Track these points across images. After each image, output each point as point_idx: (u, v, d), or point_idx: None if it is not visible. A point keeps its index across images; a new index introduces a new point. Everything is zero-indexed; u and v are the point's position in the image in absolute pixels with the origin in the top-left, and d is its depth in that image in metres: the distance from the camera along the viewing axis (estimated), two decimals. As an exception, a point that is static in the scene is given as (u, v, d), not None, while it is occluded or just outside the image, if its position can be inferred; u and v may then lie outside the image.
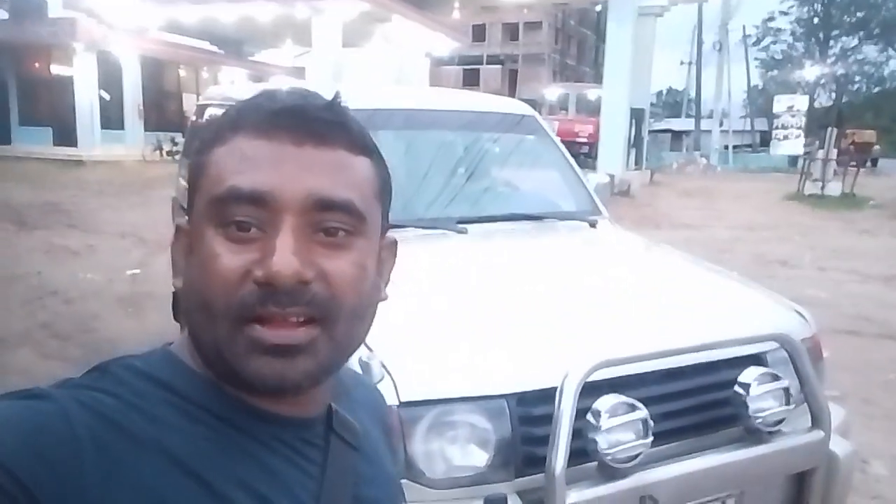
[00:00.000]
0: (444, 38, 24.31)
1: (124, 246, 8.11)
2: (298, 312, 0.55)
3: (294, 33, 22.74)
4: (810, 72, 42.93)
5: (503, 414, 1.62)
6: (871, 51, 48.45)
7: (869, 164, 28.91)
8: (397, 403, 1.55)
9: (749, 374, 1.79)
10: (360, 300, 0.59)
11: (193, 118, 4.74)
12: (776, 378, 1.80)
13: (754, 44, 47.03)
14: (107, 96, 22.00)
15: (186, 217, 0.62)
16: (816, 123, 32.93)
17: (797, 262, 8.45)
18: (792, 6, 48.12)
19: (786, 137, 31.42)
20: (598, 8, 33.29)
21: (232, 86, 6.68)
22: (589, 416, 1.60)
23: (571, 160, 3.16)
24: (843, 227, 12.15)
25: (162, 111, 25.09)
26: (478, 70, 47.66)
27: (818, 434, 1.84)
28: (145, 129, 23.35)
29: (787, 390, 1.80)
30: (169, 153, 21.03)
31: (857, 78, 49.55)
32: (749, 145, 38.01)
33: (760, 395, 1.76)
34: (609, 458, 1.57)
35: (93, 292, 5.91)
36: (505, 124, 3.12)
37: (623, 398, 1.60)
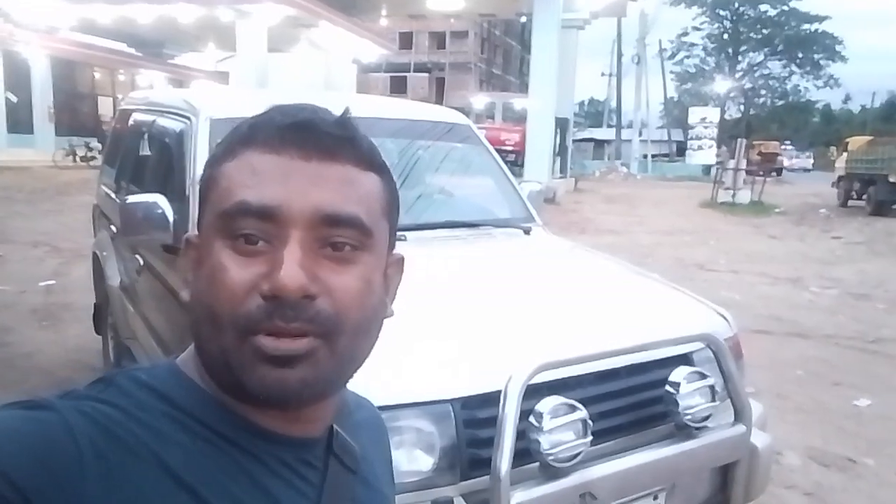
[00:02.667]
0: (371, 45, 24.27)
1: (37, 255, 7.71)
2: (303, 328, 0.56)
3: (217, 36, 22.21)
4: (721, 85, 45.19)
5: (448, 418, 1.65)
6: (775, 66, 51.49)
7: (774, 173, 30.68)
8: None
9: (679, 374, 1.89)
10: (364, 316, 0.59)
11: (115, 124, 4.57)
12: (703, 376, 1.90)
13: (669, 57, 49.11)
14: (14, 98, 20.84)
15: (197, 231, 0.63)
16: (727, 134, 34.71)
17: (713, 266, 8.89)
18: (703, 22, 50.56)
19: (700, 147, 33.04)
20: (524, 19, 33.96)
21: (155, 90, 6.48)
22: (531, 418, 1.65)
23: (505, 168, 3.24)
24: (753, 233, 12.85)
25: (75, 114, 23.98)
26: (405, 77, 47.77)
27: (741, 428, 1.96)
28: (57, 133, 22.24)
29: (712, 388, 1.91)
30: (83, 158, 20.10)
31: (763, 91, 52.48)
32: (666, 154, 39.63)
33: (689, 392, 1.86)
34: (551, 458, 1.62)
35: (4, 305, 5.58)
36: (440, 133, 3.16)
37: (563, 399, 1.66)
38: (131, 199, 2.47)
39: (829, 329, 6.01)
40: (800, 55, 49.96)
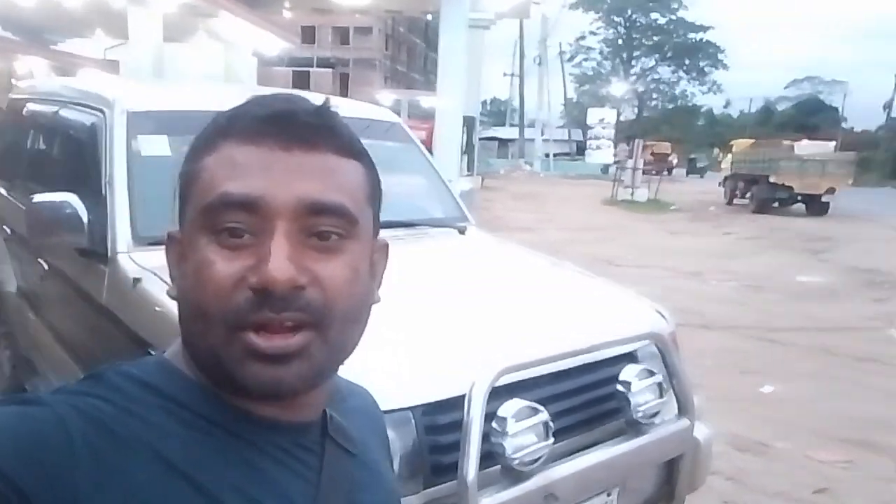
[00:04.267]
0: (273, 38, 23.58)
1: None
2: (292, 318, 0.55)
3: (106, 23, 20.94)
4: (616, 88, 47.15)
5: (408, 425, 1.60)
6: (665, 71, 54.35)
7: (665, 172, 32.29)
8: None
9: (629, 372, 1.91)
10: (353, 303, 0.59)
11: (3, 116, 4.18)
12: (652, 373, 1.94)
13: (568, 60, 50.75)
14: None
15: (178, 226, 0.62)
16: (622, 135, 36.27)
17: (622, 261, 9.23)
18: (600, 27, 52.59)
19: (598, 147, 34.31)
20: (430, 17, 34.07)
21: (46, 79, 6.02)
22: (493, 422, 1.62)
23: (437, 168, 3.20)
24: (654, 229, 13.48)
25: (-57, 103, 21.90)
26: (308, 72, 46.81)
27: (685, 422, 2.02)
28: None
29: (660, 384, 1.95)
30: (-47, 152, 18.38)
31: (655, 95, 55.28)
32: (567, 153, 40.90)
33: (641, 390, 1.89)
34: (516, 461, 1.60)
35: None
36: (373, 131, 3.08)
37: (525, 402, 1.65)
38: (38, 198, 2.25)
39: (731, 320, 6.38)
40: (687, 62, 52.93)
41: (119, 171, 2.31)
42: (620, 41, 52.97)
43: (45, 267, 2.74)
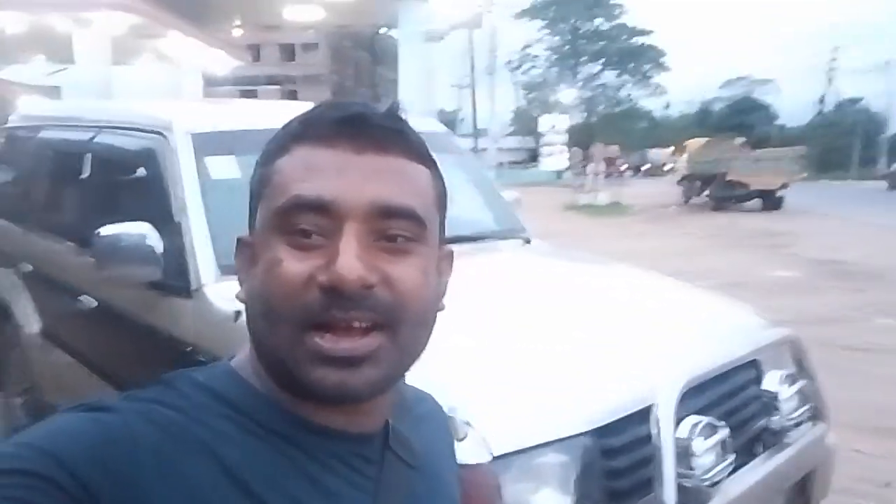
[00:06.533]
0: (224, 56, 23.11)
1: None
2: (362, 318, 0.55)
3: (47, 48, 20.16)
4: (565, 94, 47.89)
5: (585, 452, 1.50)
6: (610, 76, 55.49)
7: (617, 175, 32.89)
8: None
9: (773, 379, 1.85)
10: (423, 306, 0.59)
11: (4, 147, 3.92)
12: (794, 380, 1.88)
13: (515, 68, 51.36)
14: None
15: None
16: (573, 140, 36.77)
17: (607, 266, 9.27)
18: (545, 35, 53.44)
19: (552, 154, 34.69)
20: (384, 30, 33.99)
21: (65, 104, 5.80)
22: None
23: (489, 178, 3.11)
24: (620, 233, 13.60)
25: None
26: (255, 91, 46.08)
27: (823, 427, 1.97)
28: None
29: (801, 391, 1.89)
30: None
31: (601, 99, 56.35)
32: (521, 161, 41.29)
33: (789, 397, 1.83)
34: (706, 482, 1.52)
35: None
36: (428, 143, 2.97)
37: (705, 419, 1.56)
38: (109, 230, 2.06)
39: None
40: (630, 66, 54.19)
41: (192, 197, 2.15)
42: (567, 48, 53.90)
43: (95, 304, 2.53)
